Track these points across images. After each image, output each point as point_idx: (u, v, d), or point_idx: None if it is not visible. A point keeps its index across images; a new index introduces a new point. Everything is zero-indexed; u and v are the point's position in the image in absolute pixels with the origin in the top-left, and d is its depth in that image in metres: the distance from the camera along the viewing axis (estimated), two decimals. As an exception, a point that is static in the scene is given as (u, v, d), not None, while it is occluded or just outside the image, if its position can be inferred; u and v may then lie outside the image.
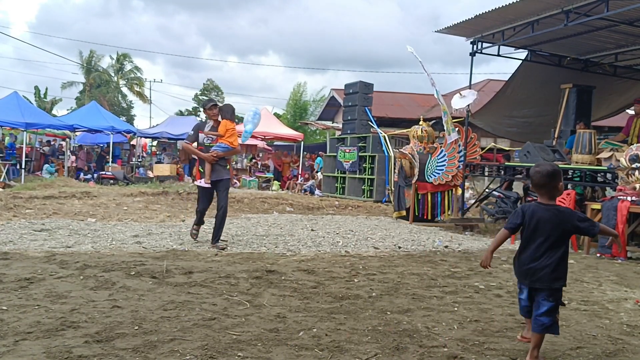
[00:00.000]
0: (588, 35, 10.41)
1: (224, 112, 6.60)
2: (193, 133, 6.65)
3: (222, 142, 6.46)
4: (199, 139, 6.56)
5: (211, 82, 58.96)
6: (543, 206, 3.01)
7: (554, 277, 2.94)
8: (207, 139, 6.52)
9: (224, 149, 6.47)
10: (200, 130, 6.62)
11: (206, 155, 6.39)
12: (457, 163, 9.83)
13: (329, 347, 3.03)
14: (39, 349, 2.80)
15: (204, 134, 6.56)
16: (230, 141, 6.49)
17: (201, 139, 6.54)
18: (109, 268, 4.86)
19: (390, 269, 5.52)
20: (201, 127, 6.69)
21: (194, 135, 6.64)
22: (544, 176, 3.01)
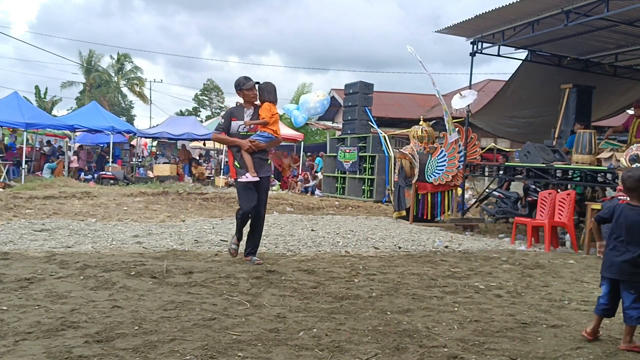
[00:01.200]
0: (588, 36, 10.41)
1: (265, 92, 5.43)
2: (225, 121, 5.46)
3: (264, 131, 5.37)
4: (231, 129, 5.41)
5: (211, 82, 59.00)
6: (632, 207, 3.38)
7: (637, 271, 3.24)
8: (244, 128, 5.39)
9: (266, 138, 5.37)
10: (235, 117, 5.42)
11: (243, 141, 5.31)
12: (457, 163, 9.83)
13: (329, 347, 3.03)
14: (39, 349, 2.80)
15: (242, 123, 5.40)
16: (274, 129, 5.41)
17: (235, 128, 5.39)
18: (109, 268, 4.86)
19: (391, 269, 5.52)
20: (236, 113, 5.46)
21: (226, 123, 5.44)
22: (636, 180, 3.42)
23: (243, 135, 5.37)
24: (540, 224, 8.00)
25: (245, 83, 5.39)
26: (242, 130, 5.38)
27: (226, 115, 5.59)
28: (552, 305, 4.29)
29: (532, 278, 5.41)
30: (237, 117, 5.43)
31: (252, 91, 5.42)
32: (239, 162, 5.36)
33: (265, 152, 5.50)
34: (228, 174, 20.53)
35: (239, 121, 5.40)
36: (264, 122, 5.35)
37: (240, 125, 5.37)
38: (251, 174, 5.28)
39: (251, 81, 5.42)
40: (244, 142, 5.31)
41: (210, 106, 58.63)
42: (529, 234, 7.94)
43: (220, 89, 58.77)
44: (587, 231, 7.52)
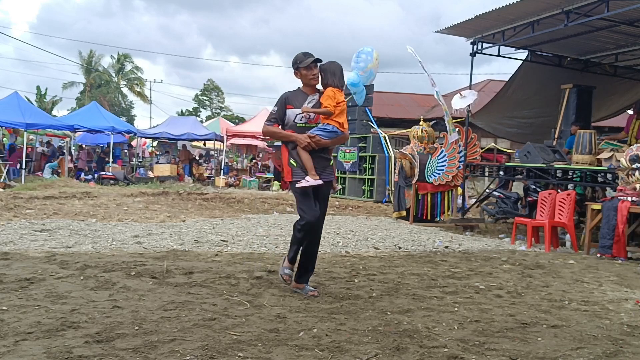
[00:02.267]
0: (588, 36, 10.41)
1: (328, 74, 4.26)
2: (278, 109, 4.29)
3: (327, 124, 4.22)
4: (286, 118, 4.28)
5: (212, 82, 59.09)
6: None
7: None
8: (302, 118, 4.23)
9: (330, 133, 4.22)
10: (291, 104, 4.25)
11: (301, 136, 4.16)
12: (457, 163, 9.83)
13: (329, 347, 3.03)
14: (39, 349, 2.80)
15: (298, 111, 4.23)
16: (340, 122, 4.25)
17: (291, 118, 4.26)
18: (109, 268, 4.86)
19: (391, 269, 5.52)
20: (293, 99, 4.28)
21: (279, 112, 4.28)
22: None
23: (301, 127, 4.23)
24: (541, 224, 8.00)
25: (303, 60, 4.21)
26: (300, 122, 4.23)
27: (280, 101, 4.30)
28: (552, 305, 4.29)
29: (532, 278, 5.41)
30: (293, 104, 4.23)
31: (312, 71, 4.23)
32: (295, 160, 4.25)
33: (327, 150, 4.36)
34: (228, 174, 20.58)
35: (297, 110, 4.22)
36: (326, 112, 4.17)
37: (297, 115, 4.22)
38: (312, 176, 4.13)
39: (311, 57, 4.23)
40: (302, 137, 4.15)
41: (211, 106, 58.69)
42: (529, 234, 7.94)
43: (220, 89, 58.87)
44: (587, 231, 7.52)
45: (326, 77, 4.27)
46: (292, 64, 4.33)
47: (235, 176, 20.24)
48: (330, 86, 4.24)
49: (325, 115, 4.21)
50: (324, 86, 4.29)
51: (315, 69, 4.25)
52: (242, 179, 19.49)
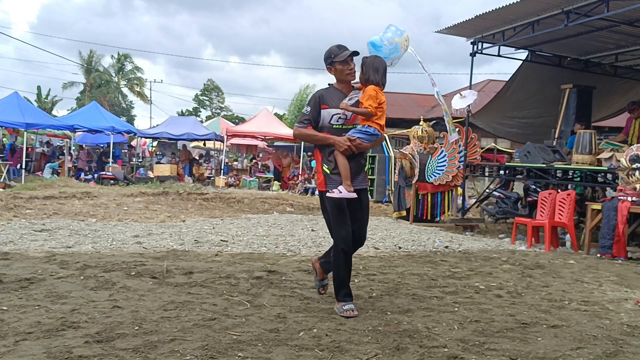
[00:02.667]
0: (588, 36, 10.41)
1: (370, 69, 3.80)
2: (311, 109, 3.83)
3: (369, 126, 3.77)
4: (320, 120, 3.82)
5: (212, 82, 59.08)
6: None
7: None
8: (339, 119, 3.80)
9: (371, 136, 3.78)
10: (326, 104, 3.81)
11: (340, 139, 3.72)
12: (457, 163, 9.83)
13: (330, 347, 3.03)
14: (39, 349, 2.80)
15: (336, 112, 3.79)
16: (381, 124, 3.82)
17: (326, 119, 3.81)
18: (109, 268, 4.86)
19: (391, 269, 5.52)
20: (328, 98, 3.83)
21: (312, 112, 3.83)
22: None
23: (337, 129, 3.79)
24: (541, 224, 7.99)
25: (339, 53, 3.78)
26: (336, 123, 3.80)
27: (313, 101, 3.85)
28: (552, 305, 4.29)
29: (533, 278, 5.41)
30: (328, 103, 3.80)
31: (349, 65, 3.80)
32: (329, 166, 3.78)
33: (362, 154, 3.91)
34: (228, 174, 20.58)
35: (332, 109, 3.78)
36: (365, 113, 3.72)
37: (334, 116, 3.79)
38: (346, 187, 3.68)
39: (346, 51, 3.80)
40: (341, 140, 3.70)
41: (211, 106, 58.70)
42: (529, 234, 7.94)
43: (220, 89, 58.86)
44: (587, 231, 7.52)
45: (367, 72, 3.79)
46: (325, 58, 3.86)
47: (235, 176, 20.24)
48: (372, 83, 3.75)
49: (364, 116, 3.75)
50: (363, 82, 3.83)
51: (352, 63, 3.81)
52: (242, 179, 19.49)
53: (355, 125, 3.83)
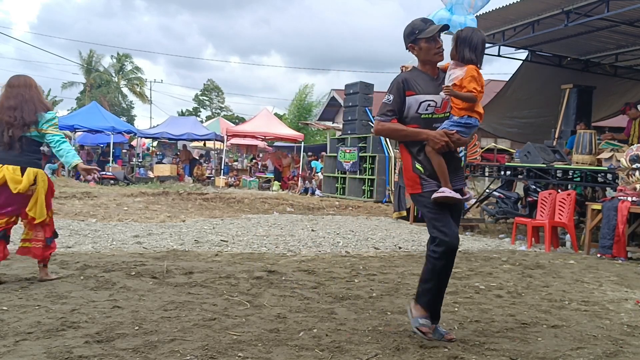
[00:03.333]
0: (588, 36, 10.42)
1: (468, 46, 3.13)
2: (394, 97, 3.15)
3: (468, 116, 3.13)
4: (405, 110, 3.17)
5: (212, 82, 59.07)
6: None
7: None
8: (429, 106, 3.14)
9: (470, 129, 3.17)
10: (412, 90, 3.14)
11: (435, 134, 3.08)
12: (457, 163, 9.81)
13: (330, 347, 3.02)
14: (39, 349, 2.80)
15: (425, 99, 3.15)
16: (481, 113, 3.18)
17: (413, 108, 3.15)
18: (110, 268, 4.86)
19: (391, 269, 5.52)
20: (412, 83, 3.16)
21: (396, 101, 3.15)
22: None
23: (426, 119, 3.15)
24: (541, 224, 7.99)
25: (425, 28, 3.13)
26: (425, 112, 3.14)
27: (396, 87, 3.17)
28: (553, 305, 4.29)
29: (533, 278, 5.41)
30: (415, 89, 3.14)
31: (436, 43, 3.16)
32: (422, 164, 3.19)
33: (456, 150, 3.29)
34: (228, 174, 20.58)
35: (420, 96, 3.13)
36: (471, 98, 3.07)
37: (422, 103, 3.13)
38: (446, 185, 3.12)
39: (433, 25, 3.18)
40: (437, 135, 3.07)
41: (211, 106, 58.69)
42: (529, 234, 7.94)
43: (220, 89, 58.84)
44: (587, 231, 7.52)
45: (462, 50, 3.12)
46: (407, 34, 3.21)
47: (235, 176, 20.25)
48: (470, 63, 3.12)
49: (468, 102, 3.09)
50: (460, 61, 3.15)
51: (440, 40, 3.20)
52: (242, 179, 19.51)
53: (447, 114, 3.15)
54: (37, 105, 4.26)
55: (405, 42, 3.25)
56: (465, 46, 3.13)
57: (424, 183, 3.18)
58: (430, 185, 3.15)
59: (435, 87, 3.18)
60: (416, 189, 3.22)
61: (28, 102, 4.19)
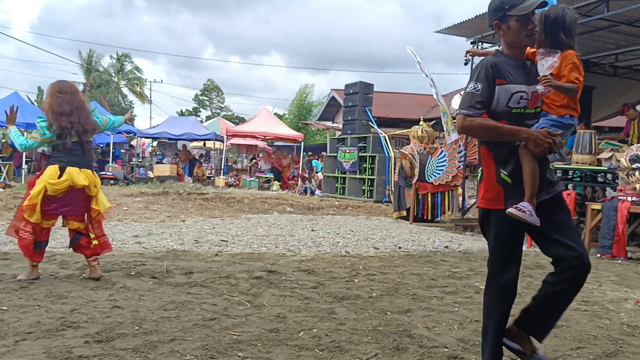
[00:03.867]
0: (588, 36, 10.41)
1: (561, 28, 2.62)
2: (483, 87, 2.55)
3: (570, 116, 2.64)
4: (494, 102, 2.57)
5: (212, 82, 59.04)
6: None
7: None
8: (522, 99, 2.57)
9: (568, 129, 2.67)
10: (503, 78, 2.57)
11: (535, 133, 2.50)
12: (457, 163, 9.83)
13: (330, 347, 3.03)
14: (39, 349, 2.80)
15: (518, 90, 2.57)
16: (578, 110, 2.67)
17: (503, 101, 2.56)
18: (109, 268, 4.87)
19: (391, 269, 5.52)
20: (503, 70, 2.58)
21: (484, 92, 2.55)
22: None
23: (517, 114, 2.58)
24: (541, 224, 7.98)
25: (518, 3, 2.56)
26: (517, 106, 2.57)
27: (484, 74, 2.57)
28: (552, 305, 4.29)
29: (532, 278, 5.40)
30: (506, 76, 2.57)
31: (530, 23, 2.57)
32: (510, 172, 2.58)
33: None
34: (228, 174, 20.58)
35: (512, 86, 2.56)
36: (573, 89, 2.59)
37: (514, 95, 2.56)
38: (530, 200, 2.51)
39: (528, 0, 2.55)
40: (540, 134, 2.49)
41: (211, 106, 58.70)
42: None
43: (220, 89, 58.83)
44: (587, 231, 7.52)
45: (554, 33, 2.62)
46: (495, 9, 2.64)
47: (235, 176, 20.25)
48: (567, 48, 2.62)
49: (569, 94, 2.60)
50: (541, 46, 2.65)
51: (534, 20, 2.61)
52: (242, 179, 19.50)
53: (538, 110, 2.63)
54: (89, 111, 4.62)
55: (490, 18, 2.67)
56: (558, 28, 2.61)
57: (509, 196, 2.56)
58: (516, 201, 2.54)
59: (525, 75, 2.61)
60: (498, 203, 2.59)
61: (80, 109, 4.49)
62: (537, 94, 2.60)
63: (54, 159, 4.44)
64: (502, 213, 2.55)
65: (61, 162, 4.40)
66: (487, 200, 2.65)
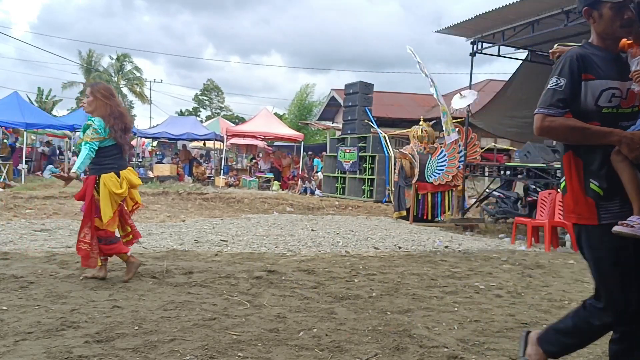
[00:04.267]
0: (588, 36, 10.40)
1: None
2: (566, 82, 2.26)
3: None
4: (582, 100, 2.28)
5: (211, 82, 59.04)
6: None
7: None
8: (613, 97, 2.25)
9: None
10: (590, 73, 2.26)
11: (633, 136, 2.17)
12: (457, 163, 9.83)
13: (329, 347, 3.03)
14: (39, 349, 2.80)
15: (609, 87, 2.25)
16: None
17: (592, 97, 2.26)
18: (109, 268, 4.86)
19: (391, 269, 5.52)
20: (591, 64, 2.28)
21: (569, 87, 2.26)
22: None
23: (608, 114, 2.28)
24: (541, 224, 7.99)
25: None
26: (608, 105, 2.27)
27: (568, 65, 2.30)
28: (552, 305, 4.29)
29: (532, 278, 5.41)
30: (595, 71, 2.28)
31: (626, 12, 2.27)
32: (602, 181, 2.28)
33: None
34: (228, 174, 20.59)
35: (602, 81, 2.27)
36: None
37: (604, 92, 2.26)
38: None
39: None
40: (632, 136, 2.19)
41: (211, 106, 58.69)
42: (529, 234, 7.94)
43: (220, 89, 58.83)
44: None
45: None
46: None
47: (235, 176, 20.24)
48: None
49: None
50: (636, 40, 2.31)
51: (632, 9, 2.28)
52: (242, 179, 19.50)
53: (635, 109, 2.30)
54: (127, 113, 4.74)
55: (579, 3, 2.40)
56: None
57: (603, 210, 2.25)
58: (612, 215, 2.22)
59: (618, 69, 2.27)
60: (590, 218, 2.27)
61: (124, 112, 4.60)
62: (633, 91, 2.26)
63: (108, 167, 4.37)
64: (594, 229, 2.27)
65: (114, 167, 4.40)
66: (575, 214, 2.35)
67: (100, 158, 4.35)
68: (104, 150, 4.36)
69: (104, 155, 4.36)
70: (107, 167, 4.36)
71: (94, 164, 4.35)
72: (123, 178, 4.41)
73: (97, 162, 4.34)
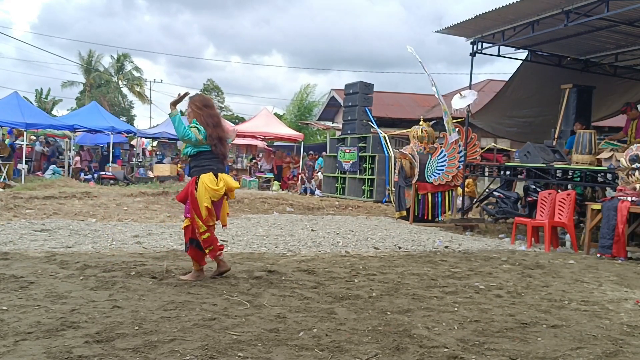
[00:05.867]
0: (588, 36, 10.41)
1: None
2: None
3: None
4: None
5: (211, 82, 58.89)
6: None
7: None
8: None
9: None
10: None
11: None
12: (457, 163, 9.83)
13: (329, 347, 3.03)
14: (39, 349, 2.80)
15: None
16: None
17: None
18: (109, 268, 4.86)
19: (391, 269, 5.52)
20: None
21: None
22: None
23: None
24: (540, 224, 8.00)
25: None
26: None
27: None
28: (552, 305, 4.29)
29: (532, 278, 5.41)
30: None
31: None
32: None
33: None
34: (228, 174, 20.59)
35: None
36: None
37: None
38: None
39: None
40: None
41: (210, 106, 58.54)
42: (529, 234, 7.94)
43: (220, 89, 58.73)
44: (587, 231, 7.52)
45: None
46: None
47: (235, 176, 20.24)
48: None
49: None
50: None
51: None
52: (242, 179, 19.49)
53: None
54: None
55: None
56: None
57: None
58: None
59: None
60: None
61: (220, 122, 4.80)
62: None
63: (207, 167, 4.59)
64: None
65: (213, 169, 4.60)
66: None
67: (201, 160, 4.62)
68: (204, 154, 4.62)
69: (204, 157, 4.62)
70: (206, 168, 4.60)
71: (195, 166, 4.64)
72: (221, 179, 4.59)
73: (197, 164, 4.63)
